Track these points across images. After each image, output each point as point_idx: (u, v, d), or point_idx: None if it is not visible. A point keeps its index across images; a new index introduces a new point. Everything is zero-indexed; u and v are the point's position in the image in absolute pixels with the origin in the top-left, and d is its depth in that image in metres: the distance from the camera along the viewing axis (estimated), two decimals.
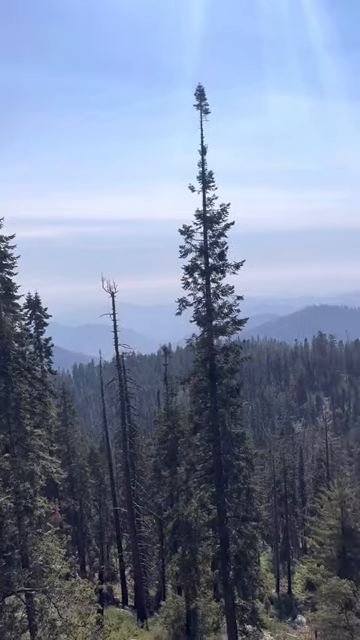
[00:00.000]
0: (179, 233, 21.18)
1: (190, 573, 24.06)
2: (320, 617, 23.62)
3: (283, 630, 32.26)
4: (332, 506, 26.85)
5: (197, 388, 21.90)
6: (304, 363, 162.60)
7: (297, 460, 58.11)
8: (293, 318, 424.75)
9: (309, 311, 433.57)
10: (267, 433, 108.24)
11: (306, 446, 78.30)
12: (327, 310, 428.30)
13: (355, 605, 23.49)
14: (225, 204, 20.77)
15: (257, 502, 26.74)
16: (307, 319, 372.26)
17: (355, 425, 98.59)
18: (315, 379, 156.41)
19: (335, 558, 26.32)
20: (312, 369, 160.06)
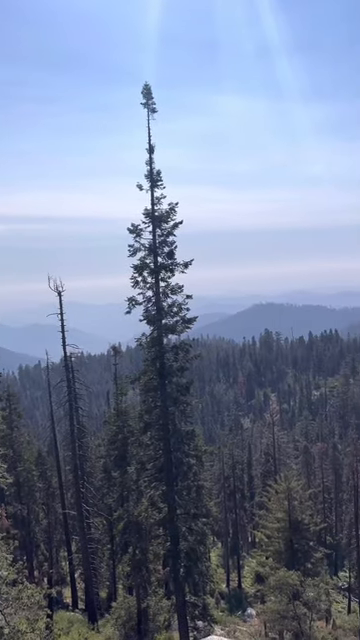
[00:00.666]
0: (128, 232, 21.09)
1: (141, 572, 24.00)
2: (269, 609, 24.18)
3: (233, 624, 32.76)
4: (279, 499, 27.52)
5: (147, 387, 21.88)
6: (252, 360, 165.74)
7: (246, 455, 59.23)
8: (241, 316, 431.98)
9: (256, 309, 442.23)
10: (217, 430, 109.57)
11: (254, 441, 79.93)
12: (273, 308, 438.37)
13: (302, 595, 24.21)
14: (174, 203, 20.84)
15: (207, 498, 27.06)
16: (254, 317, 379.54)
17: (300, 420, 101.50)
18: (262, 375, 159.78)
19: (283, 550, 27.02)
20: (259, 366, 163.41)
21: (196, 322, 22.17)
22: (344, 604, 44.48)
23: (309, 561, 26.77)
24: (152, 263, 21.16)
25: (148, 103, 20.25)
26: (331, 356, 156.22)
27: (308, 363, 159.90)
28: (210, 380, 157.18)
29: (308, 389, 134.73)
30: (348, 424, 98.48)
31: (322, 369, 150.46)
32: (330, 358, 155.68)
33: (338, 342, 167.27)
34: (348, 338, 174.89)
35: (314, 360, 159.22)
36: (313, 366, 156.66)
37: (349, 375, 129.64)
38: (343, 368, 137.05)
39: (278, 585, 23.62)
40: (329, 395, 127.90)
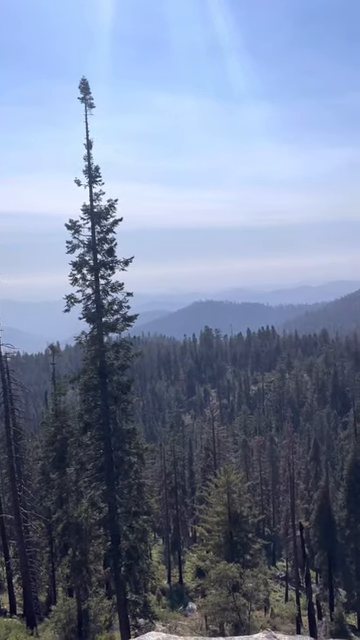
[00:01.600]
0: (66, 228, 20.67)
1: (81, 574, 23.67)
2: (209, 602, 24.56)
3: (175, 619, 33.03)
4: (219, 493, 27.98)
5: (87, 386, 21.56)
6: (192, 357, 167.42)
7: (187, 451, 59.83)
8: (182, 314, 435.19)
9: (196, 307, 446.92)
10: (158, 427, 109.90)
11: (195, 437, 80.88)
12: (213, 306, 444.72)
13: (242, 586, 24.77)
14: (113, 199, 20.63)
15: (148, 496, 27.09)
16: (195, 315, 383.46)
17: (239, 414, 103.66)
18: (203, 372, 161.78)
19: (223, 544, 27.50)
20: (200, 363, 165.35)
21: (137, 320, 22.09)
22: (282, 593, 45.98)
23: (248, 553, 27.41)
24: (91, 260, 20.85)
25: (86, 98, 19.92)
26: (268, 352, 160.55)
27: (247, 359, 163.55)
28: (151, 378, 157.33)
29: (247, 384, 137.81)
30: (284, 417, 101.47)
31: (260, 365, 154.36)
32: (267, 354, 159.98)
33: (275, 338, 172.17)
34: (284, 334, 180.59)
35: (252, 356, 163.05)
36: (251, 362, 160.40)
37: (285, 370, 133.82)
38: (279, 363, 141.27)
39: (218, 578, 24.04)
40: (266, 390, 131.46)
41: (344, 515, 41.96)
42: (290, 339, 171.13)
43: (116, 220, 20.73)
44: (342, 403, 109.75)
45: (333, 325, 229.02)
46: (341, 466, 50.01)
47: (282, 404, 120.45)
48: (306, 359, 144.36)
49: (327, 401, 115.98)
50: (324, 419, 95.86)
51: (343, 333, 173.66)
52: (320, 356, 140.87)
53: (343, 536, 42.08)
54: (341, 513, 42.40)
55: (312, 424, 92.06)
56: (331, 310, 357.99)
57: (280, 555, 55.93)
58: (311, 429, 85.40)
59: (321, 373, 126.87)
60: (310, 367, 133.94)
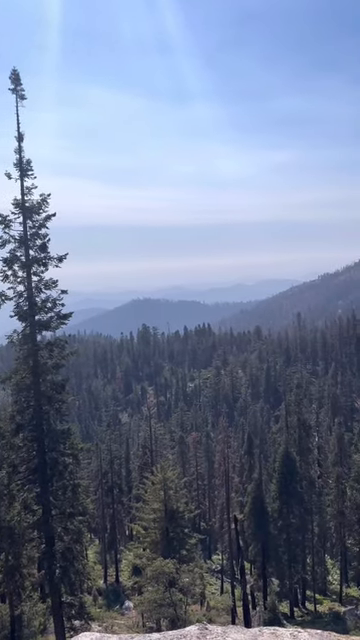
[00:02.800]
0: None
1: (14, 578, 22.95)
2: (146, 599, 24.62)
3: (111, 619, 32.87)
4: (156, 490, 28.09)
5: (19, 386, 20.96)
6: (130, 355, 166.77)
7: (124, 450, 59.53)
8: (119, 312, 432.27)
9: (134, 305, 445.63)
10: (94, 426, 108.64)
11: (132, 435, 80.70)
12: (150, 303, 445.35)
13: (178, 582, 25.02)
14: (45, 194, 20.16)
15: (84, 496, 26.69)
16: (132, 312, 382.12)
17: (176, 411, 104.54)
18: (140, 370, 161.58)
19: (159, 540, 27.64)
20: (137, 360, 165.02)
21: (72, 318, 21.73)
22: (217, 586, 46.90)
23: (184, 548, 27.70)
24: (23, 256, 20.27)
25: (17, 89, 19.33)
26: (205, 349, 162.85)
27: (184, 356, 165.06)
28: (87, 376, 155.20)
29: (184, 381, 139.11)
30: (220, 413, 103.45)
31: (196, 362, 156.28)
32: (204, 351, 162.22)
33: (211, 336, 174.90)
34: (220, 332, 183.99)
35: (189, 353, 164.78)
36: (188, 359, 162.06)
37: (220, 367, 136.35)
38: (215, 360, 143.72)
39: (155, 575, 24.14)
40: (202, 386, 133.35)
41: (276, 506, 43.33)
42: (226, 336, 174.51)
43: (49, 215, 20.28)
44: (274, 398, 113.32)
45: (266, 322, 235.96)
46: (273, 458, 51.59)
47: (218, 400, 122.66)
48: (241, 355, 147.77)
49: (260, 396, 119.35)
50: (257, 413, 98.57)
51: (275, 330, 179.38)
52: (254, 352, 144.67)
53: (276, 527, 43.45)
54: (274, 504, 43.74)
55: (246, 419, 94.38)
56: (264, 308, 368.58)
57: (216, 548, 56.98)
58: (245, 423, 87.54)
59: (255, 369, 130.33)
60: (244, 363, 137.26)
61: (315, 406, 76.14)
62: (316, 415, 54.72)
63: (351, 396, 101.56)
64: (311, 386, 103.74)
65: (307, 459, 44.84)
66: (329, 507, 46.50)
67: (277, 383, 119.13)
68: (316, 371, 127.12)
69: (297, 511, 42.50)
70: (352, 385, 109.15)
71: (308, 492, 43.54)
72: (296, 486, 42.38)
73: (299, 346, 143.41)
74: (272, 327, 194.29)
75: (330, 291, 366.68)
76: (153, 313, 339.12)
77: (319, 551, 46.86)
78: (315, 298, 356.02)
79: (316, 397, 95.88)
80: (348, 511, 45.88)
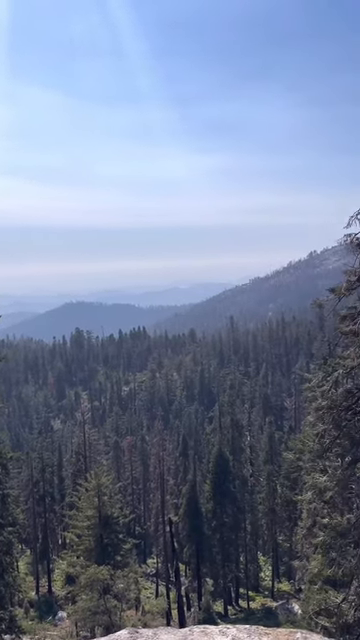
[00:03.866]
0: None
1: None
2: (80, 607, 24.21)
3: (43, 630, 32.01)
4: (89, 497, 27.71)
5: None
6: (62, 360, 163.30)
7: (56, 457, 58.15)
8: (51, 315, 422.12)
9: (66, 308, 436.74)
10: (25, 434, 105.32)
11: (65, 442, 78.95)
12: (84, 307, 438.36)
13: (112, 588, 24.78)
14: None
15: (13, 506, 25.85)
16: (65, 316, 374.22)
17: (111, 415, 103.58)
18: (74, 375, 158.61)
19: (93, 547, 27.27)
20: (71, 365, 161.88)
21: (1, 322, 20.99)
22: (152, 589, 46.87)
23: (119, 554, 27.51)
24: None
25: None
26: (140, 352, 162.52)
27: (118, 360, 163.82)
28: (17, 383, 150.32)
29: (118, 385, 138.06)
30: (155, 416, 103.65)
31: (131, 365, 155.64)
32: (139, 354, 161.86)
33: (146, 339, 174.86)
34: (154, 335, 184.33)
35: (124, 357, 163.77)
36: (123, 363, 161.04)
37: (155, 370, 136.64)
38: (150, 363, 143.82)
39: (89, 583, 23.78)
40: (138, 390, 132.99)
41: (210, 507, 44.00)
42: (160, 339, 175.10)
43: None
44: (208, 399, 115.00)
45: (200, 325, 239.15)
46: (207, 459, 52.36)
47: (153, 403, 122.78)
48: (175, 358, 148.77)
49: (195, 398, 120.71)
50: (192, 415, 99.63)
51: (209, 332, 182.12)
52: (189, 355, 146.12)
53: (210, 527, 44.10)
54: (208, 505, 44.38)
55: (181, 421, 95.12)
56: (198, 311, 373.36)
57: (151, 552, 56.93)
58: (180, 426, 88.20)
59: (189, 371, 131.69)
60: (179, 366, 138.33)
61: (247, 406, 78.14)
62: (248, 415, 56.14)
63: (281, 396, 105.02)
64: (243, 387, 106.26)
65: (240, 458, 45.88)
66: (261, 505, 47.79)
67: (211, 385, 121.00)
68: (248, 372, 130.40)
69: (230, 510, 43.35)
70: (282, 385, 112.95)
71: (241, 491, 44.55)
72: (229, 486, 43.23)
73: (232, 348, 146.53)
74: (206, 330, 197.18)
75: (261, 295, 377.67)
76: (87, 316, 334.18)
77: (252, 549, 48.02)
78: (247, 301, 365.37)
79: (248, 397, 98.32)
80: (279, 508, 47.37)
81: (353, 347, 14.31)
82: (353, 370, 14.11)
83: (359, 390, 14.14)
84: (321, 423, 14.85)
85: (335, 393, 14.08)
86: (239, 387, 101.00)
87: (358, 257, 14.16)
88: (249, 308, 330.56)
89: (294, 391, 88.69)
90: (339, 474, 13.58)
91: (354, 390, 14.15)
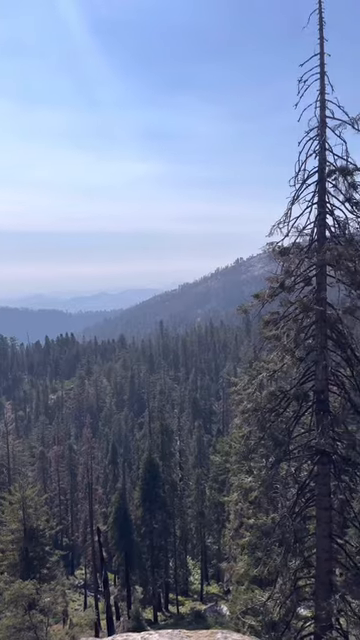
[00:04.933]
0: None
1: None
2: (4, 625, 23.13)
3: None
4: (14, 510, 26.65)
5: None
6: None
7: None
8: None
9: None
10: None
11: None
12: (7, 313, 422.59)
13: (39, 603, 23.94)
14: None
15: None
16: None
17: (37, 425, 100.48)
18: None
19: (18, 562, 26.22)
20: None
21: None
22: (81, 601, 45.81)
23: (45, 567, 26.68)
24: None
25: None
26: (67, 359, 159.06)
27: (45, 367, 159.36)
28: None
29: (45, 394, 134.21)
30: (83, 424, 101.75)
31: (59, 373, 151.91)
32: (67, 361, 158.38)
33: (74, 345, 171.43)
34: (83, 341, 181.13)
35: (51, 364, 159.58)
36: (50, 370, 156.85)
37: (84, 377, 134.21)
38: (79, 370, 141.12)
39: (13, 598, 22.81)
40: (66, 397, 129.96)
41: (140, 513, 43.75)
42: (90, 345, 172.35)
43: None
44: (139, 405, 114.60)
45: (130, 331, 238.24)
46: (137, 465, 52.09)
47: (82, 411, 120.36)
48: (105, 364, 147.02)
49: (125, 404, 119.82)
50: (122, 422, 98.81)
51: (139, 338, 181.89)
52: (118, 361, 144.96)
53: (139, 534, 43.83)
54: (137, 512, 44.11)
55: (111, 428, 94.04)
56: (128, 316, 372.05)
57: (79, 563, 55.66)
58: (110, 433, 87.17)
59: (119, 377, 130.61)
60: (109, 372, 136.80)
61: (177, 411, 78.61)
62: (178, 420, 56.45)
63: (210, 399, 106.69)
64: (173, 392, 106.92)
65: (169, 463, 46.02)
66: (190, 509, 48.17)
67: (141, 390, 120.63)
68: (178, 377, 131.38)
69: (160, 516, 43.33)
70: (210, 389, 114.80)
71: (170, 496, 44.67)
72: (159, 491, 43.22)
73: (162, 353, 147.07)
74: (136, 335, 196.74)
75: (190, 300, 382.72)
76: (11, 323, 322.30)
77: (181, 553, 48.23)
78: (177, 307, 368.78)
79: (178, 402, 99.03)
80: (207, 511, 47.98)
81: (276, 351, 14.84)
82: (276, 373, 14.61)
83: (282, 392, 14.65)
84: (247, 425, 15.23)
85: (260, 396, 14.51)
86: (169, 392, 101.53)
87: (280, 265, 14.74)
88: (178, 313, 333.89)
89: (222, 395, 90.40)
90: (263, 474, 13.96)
91: (277, 392, 14.65)
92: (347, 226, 13.87)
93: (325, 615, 13.81)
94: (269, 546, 14.13)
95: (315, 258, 14.06)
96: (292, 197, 14.05)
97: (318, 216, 14.16)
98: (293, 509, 14.17)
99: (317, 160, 14.01)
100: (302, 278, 14.44)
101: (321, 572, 14.57)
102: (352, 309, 13.89)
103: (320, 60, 13.51)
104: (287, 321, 14.34)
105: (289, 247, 14.39)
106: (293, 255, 14.26)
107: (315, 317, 14.30)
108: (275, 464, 14.29)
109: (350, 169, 13.42)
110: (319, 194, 14.09)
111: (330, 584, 14.58)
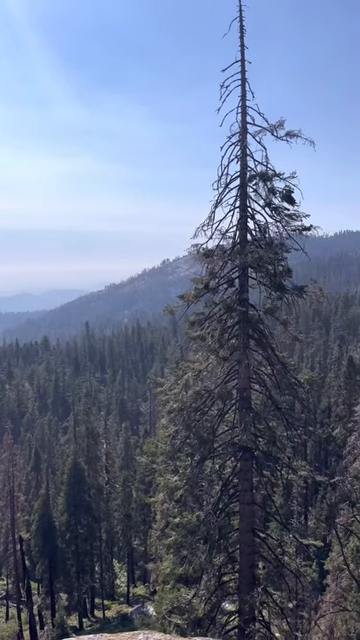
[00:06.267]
0: None
1: None
2: None
3: None
4: None
5: None
6: None
7: None
8: None
9: None
10: None
11: None
12: None
13: None
14: None
15: None
16: None
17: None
18: None
19: None
20: None
21: None
22: (2, 612, 44.02)
23: None
24: None
25: None
26: None
27: None
28: None
29: None
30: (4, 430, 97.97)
31: None
32: None
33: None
34: (4, 344, 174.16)
35: None
36: None
37: (5, 381, 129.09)
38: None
39: None
40: None
41: (65, 519, 42.78)
42: (11, 348, 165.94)
43: None
44: (63, 409, 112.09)
45: (54, 332, 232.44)
46: (62, 471, 50.89)
47: (2, 416, 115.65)
48: (28, 368, 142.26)
49: (49, 408, 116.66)
50: (45, 427, 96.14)
51: (64, 340, 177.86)
52: (42, 364, 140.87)
53: (64, 540, 42.84)
54: (62, 518, 43.10)
55: (33, 433, 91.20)
56: (52, 318, 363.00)
57: (0, 574, 53.48)
58: (32, 438, 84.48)
59: (43, 380, 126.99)
60: (32, 375, 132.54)
61: (104, 413, 77.73)
62: (104, 422, 55.82)
63: (137, 401, 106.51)
64: (100, 394, 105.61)
65: (95, 467, 45.39)
66: (116, 512, 47.78)
67: (66, 393, 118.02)
68: (105, 379, 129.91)
69: (85, 521, 42.64)
70: (137, 390, 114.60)
71: (96, 500, 44.08)
72: (84, 496, 42.52)
73: (88, 355, 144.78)
74: (61, 337, 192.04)
75: (117, 301, 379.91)
76: None
77: (107, 557, 47.73)
78: (103, 308, 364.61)
79: (104, 404, 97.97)
80: (134, 513, 47.82)
81: (201, 351, 15.08)
82: (201, 373, 14.85)
83: (207, 391, 14.91)
84: (173, 425, 15.34)
85: (185, 395, 14.67)
86: (95, 394, 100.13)
87: (204, 266, 14.99)
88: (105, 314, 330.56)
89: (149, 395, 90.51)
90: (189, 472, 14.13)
91: (202, 392, 14.89)
92: (267, 230, 14.36)
93: (248, 608, 14.21)
94: (194, 544, 14.32)
95: (238, 260, 14.43)
96: (215, 200, 14.34)
97: (240, 220, 14.55)
98: (217, 506, 14.46)
99: (239, 165, 14.39)
100: (225, 280, 14.78)
101: (244, 566, 14.97)
102: (272, 310, 14.39)
103: (241, 67, 13.89)
104: (212, 321, 14.62)
105: (213, 249, 14.68)
106: (217, 257, 14.56)
107: (238, 317, 14.68)
108: (200, 462, 14.51)
109: (270, 175, 13.90)
110: (241, 198, 14.48)
111: (253, 577, 15.02)
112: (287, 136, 13.54)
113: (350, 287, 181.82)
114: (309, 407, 47.17)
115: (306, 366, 71.91)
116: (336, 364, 67.80)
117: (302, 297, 14.06)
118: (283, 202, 13.94)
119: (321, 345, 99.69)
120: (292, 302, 14.17)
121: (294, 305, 14.21)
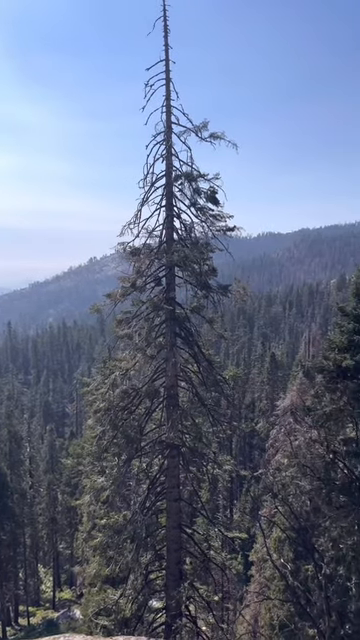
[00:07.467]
0: None
1: None
2: None
3: None
4: None
5: None
6: None
7: None
8: None
9: None
10: None
11: None
12: None
13: None
14: None
15: None
16: None
17: None
18: None
19: None
20: None
21: None
22: None
23: None
24: None
25: None
26: None
27: None
28: None
29: None
30: None
31: None
32: None
33: None
34: None
35: None
36: None
37: None
38: None
39: None
40: None
41: None
42: None
43: None
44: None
45: None
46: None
47: None
48: None
49: None
50: None
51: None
52: None
53: None
54: None
55: None
56: None
57: None
58: None
59: None
60: None
61: (27, 416, 75.34)
62: (28, 425, 54.14)
63: (63, 402, 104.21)
64: (23, 396, 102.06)
65: (18, 471, 43.88)
66: (41, 516, 46.52)
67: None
68: (28, 380, 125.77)
69: (8, 527, 41.16)
70: (63, 391, 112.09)
71: (20, 505, 42.65)
72: (7, 501, 41.02)
73: (10, 356, 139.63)
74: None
75: (41, 300, 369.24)
76: None
77: (32, 562, 46.34)
78: (27, 307, 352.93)
79: (28, 407, 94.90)
80: (60, 516, 46.80)
81: (128, 350, 15.01)
82: (129, 371, 14.78)
83: (135, 390, 14.87)
84: (100, 425, 15.15)
85: (112, 394, 14.55)
86: (18, 397, 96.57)
87: (131, 265, 14.94)
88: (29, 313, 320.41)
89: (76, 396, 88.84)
90: (115, 472, 14.02)
91: (130, 390, 14.83)
92: (193, 229, 14.55)
93: (175, 604, 14.34)
94: (121, 543, 14.25)
95: (164, 259, 14.51)
96: (142, 199, 14.33)
97: (166, 219, 14.64)
98: (144, 504, 14.47)
99: (164, 164, 14.46)
100: (152, 278, 14.82)
101: (171, 563, 15.10)
102: (198, 308, 14.61)
103: (165, 66, 13.95)
104: (139, 320, 14.60)
105: (140, 248, 14.67)
106: (144, 256, 14.56)
107: (165, 316, 14.77)
108: (127, 462, 14.44)
109: (194, 175, 14.09)
110: (167, 197, 14.56)
111: (180, 573, 15.18)
112: (211, 137, 13.78)
113: (272, 287, 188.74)
114: (234, 403, 48.37)
115: (231, 363, 73.63)
116: (259, 360, 69.96)
117: (227, 296, 14.38)
118: (208, 202, 14.17)
119: (245, 342, 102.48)
120: (217, 301, 14.46)
121: (219, 304, 14.51)
